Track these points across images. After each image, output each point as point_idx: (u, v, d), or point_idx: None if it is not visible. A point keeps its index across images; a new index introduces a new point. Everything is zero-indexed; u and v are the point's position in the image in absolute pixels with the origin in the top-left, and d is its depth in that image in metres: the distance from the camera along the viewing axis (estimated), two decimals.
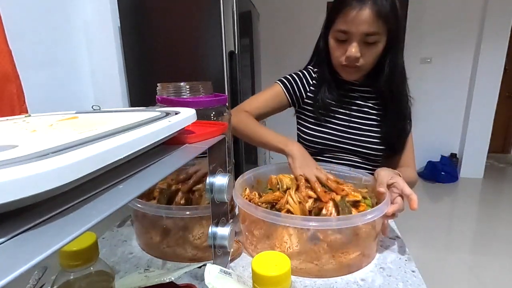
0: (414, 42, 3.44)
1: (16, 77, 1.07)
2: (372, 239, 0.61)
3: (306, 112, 0.94)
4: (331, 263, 0.57)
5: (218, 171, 0.44)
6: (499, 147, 4.26)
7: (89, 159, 0.21)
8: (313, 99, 0.92)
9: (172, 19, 1.60)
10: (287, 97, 0.93)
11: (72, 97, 1.56)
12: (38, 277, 0.44)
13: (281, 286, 0.30)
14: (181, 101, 0.59)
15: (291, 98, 0.93)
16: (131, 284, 0.48)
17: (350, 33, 0.77)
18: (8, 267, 0.14)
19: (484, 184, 3.45)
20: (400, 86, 0.87)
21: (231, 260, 0.62)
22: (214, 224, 0.47)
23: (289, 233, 0.58)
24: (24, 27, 1.28)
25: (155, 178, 0.28)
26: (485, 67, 3.32)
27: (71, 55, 1.55)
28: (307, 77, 0.94)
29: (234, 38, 1.62)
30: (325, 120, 0.91)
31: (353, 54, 0.78)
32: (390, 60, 0.83)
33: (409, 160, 0.93)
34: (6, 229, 0.17)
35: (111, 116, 0.39)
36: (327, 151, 0.92)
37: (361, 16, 0.74)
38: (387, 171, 0.69)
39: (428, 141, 3.64)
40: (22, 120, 0.37)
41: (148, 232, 0.66)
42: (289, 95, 0.93)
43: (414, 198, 0.61)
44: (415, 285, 0.55)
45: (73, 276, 0.35)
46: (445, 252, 2.17)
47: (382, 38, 0.78)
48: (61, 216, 0.20)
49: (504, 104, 3.90)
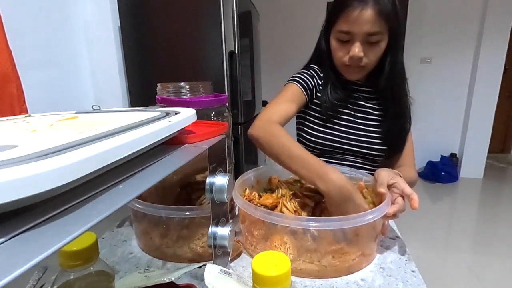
0: (414, 42, 3.43)
1: (16, 77, 1.07)
2: (372, 239, 0.61)
3: (312, 112, 0.93)
4: (331, 263, 0.57)
5: (218, 171, 0.44)
6: (499, 147, 4.26)
7: (89, 159, 0.21)
8: (319, 99, 0.91)
9: (172, 19, 1.60)
10: (305, 95, 0.89)
11: (72, 97, 1.56)
12: (38, 277, 0.44)
13: (281, 286, 0.30)
14: (181, 101, 0.59)
15: (307, 95, 0.89)
16: (131, 284, 0.48)
17: (352, 34, 0.77)
18: (8, 267, 0.14)
19: (484, 184, 3.45)
20: (400, 84, 0.87)
21: (231, 260, 0.62)
22: (214, 224, 0.47)
23: (289, 234, 0.58)
24: (24, 27, 1.28)
25: (155, 178, 0.28)
26: (485, 67, 3.32)
27: (71, 55, 1.55)
28: (314, 76, 0.92)
29: (234, 38, 1.62)
30: (331, 121, 0.90)
31: (356, 54, 0.78)
32: (390, 58, 0.83)
33: (409, 159, 0.93)
34: (6, 229, 0.17)
35: (111, 116, 0.39)
36: (329, 152, 0.92)
37: (363, 16, 0.74)
38: (387, 172, 0.69)
39: (428, 141, 3.64)
40: (22, 120, 0.37)
41: (147, 233, 0.66)
42: (306, 92, 0.89)
43: (415, 198, 0.61)
44: (415, 285, 0.55)
45: (73, 276, 0.35)
46: (445, 252, 2.17)
47: (384, 37, 0.78)
48: (61, 216, 0.20)
49: (504, 104, 3.90)
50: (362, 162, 0.92)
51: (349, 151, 0.90)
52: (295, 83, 0.89)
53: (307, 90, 0.89)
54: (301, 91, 0.88)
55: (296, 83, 0.89)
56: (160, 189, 0.67)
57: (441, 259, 2.08)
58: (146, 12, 1.63)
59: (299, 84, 0.88)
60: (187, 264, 0.58)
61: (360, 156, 0.91)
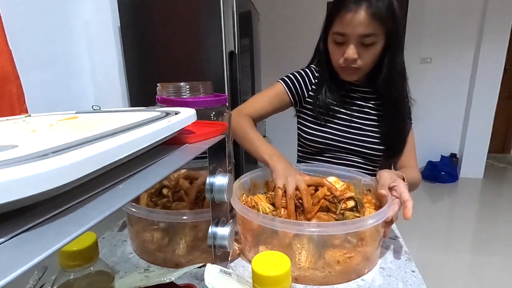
0: (414, 42, 3.43)
1: (16, 77, 1.07)
2: (377, 243, 0.61)
3: (307, 111, 0.94)
4: (336, 270, 0.56)
5: (218, 171, 0.44)
6: (499, 147, 4.26)
7: (89, 159, 0.21)
8: (314, 98, 0.92)
9: (172, 19, 1.60)
10: (289, 96, 0.93)
11: (72, 97, 1.56)
12: (38, 277, 0.44)
13: (281, 286, 0.30)
14: (181, 101, 0.59)
15: (293, 97, 0.93)
16: (131, 284, 0.48)
17: (347, 35, 0.78)
18: (8, 267, 0.14)
19: (484, 184, 3.45)
20: (399, 86, 0.86)
21: (231, 260, 0.62)
22: (214, 224, 0.47)
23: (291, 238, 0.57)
24: (24, 27, 1.27)
25: (155, 178, 0.28)
26: (485, 67, 3.31)
27: (71, 55, 1.55)
28: (309, 76, 0.93)
29: (234, 38, 1.62)
30: (326, 120, 0.91)
31: (350, 56, 0.79)
32: (388, 60, 0.83)
33: (411, 160, 0.92)
34: (6, 229, 0.17)
35: (111, 116, 0.39)
36: (328, 151, 0.92)
37: (357, 18, 0.75)
38: (389, 173, 0.69)
39: (428, 141, 3.63)
40: (22, 120, 0.37)
41: (140, 236, 0.65)
42: (291, 94, 0.93)
43: (409, 206, 0.61)
44: (415, 285, 0.55)
45: (73, 276, 0.35)
46: (445, 252, 2.17)
47: (380, 39, 0.78)
48: (61, 216, 0.20)
49: (504, 104, 3.90)
50: (362, 161, 0.92)
51: (347, 149, 0.90)
52: (281, 83, 0.93)
53: (292, 90, 0.93)
54: (284, 91, 0.93)
55: (283, 83, 0.93)
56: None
57: (441, 259, 2.08)
58: (146, 12, 1.63)
59: (285, 84, 0.93)
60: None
61: (359, 156, 0.91)
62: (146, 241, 0.64)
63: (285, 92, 0.93)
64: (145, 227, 0.64)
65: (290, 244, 0.57)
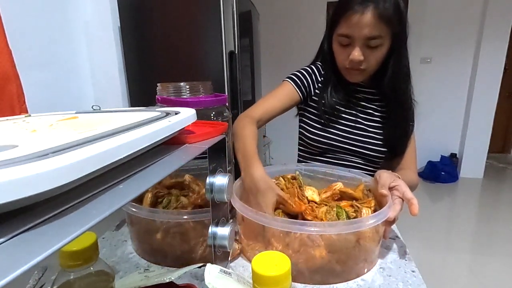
0: (414, 42, 3.43)
1: (16, 77, 1.06)
2: (376, 244, 0.61)
3: (311, 110, 0.94)
4: (335, 269, 0.56)
5: (218, 171, 0.44)
6: (499, 147, 4.26)
7: (89, 159, 0.21)
8: (319, 96, 0.91)
9: (172, 19, 1.60)
10: (298, 93, 0.92)
11: (72, 97, 1.56)
12: (38, 277, 0.44)
13: (281, 286, 0.30)
14: (181, 101, 0.59)
15: (301, 93, 0.92)
16: (131, 284, 0.48)
17: (352, 37, 0.77)
18: (8, 267, 0.14)
19: (484, 184, 3.45)
20: (404, 87, 0.86)
21: (231, 260, 0.62)
22: (214, 224, 0.47)
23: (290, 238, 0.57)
24: (24, 27, 1.27)
25: (155, 178, 0.28)
26: (485, 67, 3.32)
27: (71, 55, 1.55)
28: (315, 73, 0.93)
29: (234, 38, 1.62)
30: (330, 121, 0.90)
31: (356, 58, 0.78)
32: (393, 61, 0.82)
33: (410, 162, 0.92)
34: (6, 229, 0.17)
35: (111, 116, 0.39)
36: (330, 152, 0.92)
37: (363, 20, 0.73)
38: (388, 174, 0.69)
39: (428, 141, 3.63)
40: (22, 120, 0.37)
41: (141, 236, 0.65)
42: (299, 90, 0.92)
43: (415, 203, 0.60)
44: (415, 285, 0.55)
45: (73, 276, 0.35)
46: (445, 252, 2.17)
47: (386, 41, 0.77)
48: (61, 216, 0.20)
49: (504, 104, 3.90)
50: (362, 162, 0.92)
51: (349, 150, 0.90)
52: (289, 81, 0.92)
53: (300, 87, 0.92)
54: (293, 89, 0.92)
55: (291, 82, 0.92)
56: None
57: (441, 259, 2.08)
58: (146, 12, 1.63)
59: (293, 83, 0.92)
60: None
61: (361, 157, 0.91)
62: (146, 241, 0.64)
63: (294, 90, 0.91)
64: (145, 227, 0.64)
65: (290, 244, 0.57)
